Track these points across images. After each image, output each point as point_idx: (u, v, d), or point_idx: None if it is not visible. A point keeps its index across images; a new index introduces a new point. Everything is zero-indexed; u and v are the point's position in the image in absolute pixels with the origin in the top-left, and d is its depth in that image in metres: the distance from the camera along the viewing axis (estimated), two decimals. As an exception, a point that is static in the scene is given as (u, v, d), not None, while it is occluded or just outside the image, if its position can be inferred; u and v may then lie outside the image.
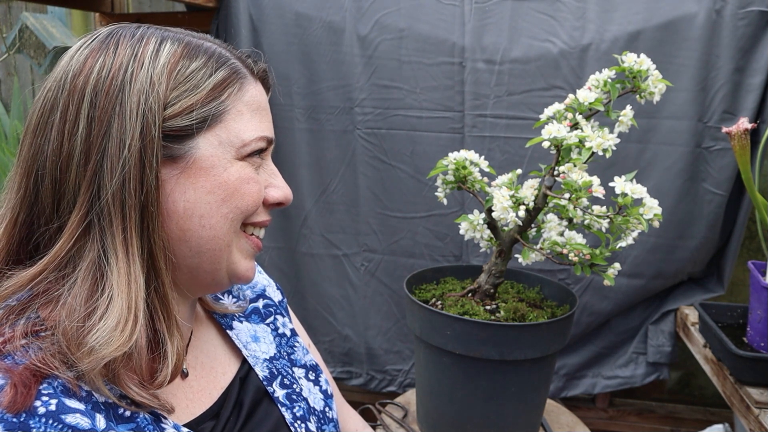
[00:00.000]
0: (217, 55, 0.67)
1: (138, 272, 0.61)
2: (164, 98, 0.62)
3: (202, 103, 0.64)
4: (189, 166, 0.64)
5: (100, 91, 0.61)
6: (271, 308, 0.90)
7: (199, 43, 0.67)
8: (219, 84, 0.66)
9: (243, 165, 0.68)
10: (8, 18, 2.62)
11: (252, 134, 0.68)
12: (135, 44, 0.63)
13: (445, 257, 1.79)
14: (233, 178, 0.66)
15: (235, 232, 0.69)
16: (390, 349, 1.87)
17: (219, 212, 0.66)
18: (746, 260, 1.49)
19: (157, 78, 0.62)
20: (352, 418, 1.00)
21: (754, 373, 1.31)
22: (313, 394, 0.85)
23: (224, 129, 0.66)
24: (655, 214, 1.00)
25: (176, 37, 0.66)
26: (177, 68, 0.64)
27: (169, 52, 0.64)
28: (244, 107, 0.68)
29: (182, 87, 0.63)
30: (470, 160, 1.20)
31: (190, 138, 0.64)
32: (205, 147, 0.65)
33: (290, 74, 1.77)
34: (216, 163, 0.65)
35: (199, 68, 0.65)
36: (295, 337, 0.90)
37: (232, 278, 0.71)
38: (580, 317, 1.75)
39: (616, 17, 1.58)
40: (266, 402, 0.78)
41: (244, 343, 0.82)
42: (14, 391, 0.53)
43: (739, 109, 1.59)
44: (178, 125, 0.63)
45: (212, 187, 0.65)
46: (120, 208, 0.60)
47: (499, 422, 1.16)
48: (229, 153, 0.66)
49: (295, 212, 1.86)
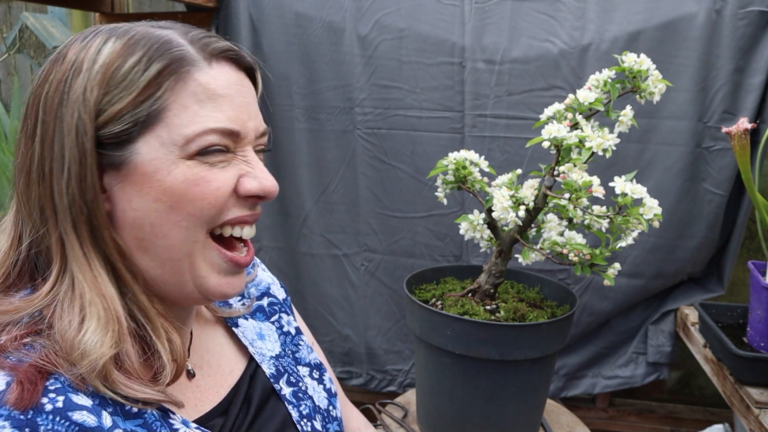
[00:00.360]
0: (159, 45, 0.61)
1: (106, 283, 0.60)
2: (96, 106, 0.59)
3: (134, 104, 0.59)
4: (131, 172, 0.60)
5: (47, 104, 0.60)
6: (275, 306, 0.90)
7: (143, 35, 0.61)
8: (153, 79, 0.59)
9: (191, 165, 0.61)
10: (8, 18, 2.62)
11: (195, 128, 0.60)
12: (80, 50, 0.61)
13: (445, 257, 1.79)
14: (178, 182, 0.60)
15: (196, 241, 0.63)
16: (390, 349, 1.87)
17: (169, 220, 0.61)
18: (746, 260, 1.49)
19: (90, 85, 0.59)
20: (355, 417, 1.00)
21: (754, 373, 1.31)
22: (317, 392, 0.85)
23: (165, 127, 0.60)
24: (655, 214, 1.00)
25: (124, 33, 0.62)
26: (112, 69, 0.59)
27: (110, 52, 0.60)
28: (189, 99, 0.61)
29: (114, 90, 0.59)
30: (470, 160, 1.20)
31: (128, 143, 0.60)
32: (145, 150, 0.60)
33: (290, 74, 1.77)
34: (159, 166, 0.60)
35: (133, 65, 0.59)
36: (300, 336, 0.90)
37: (204, 294, 0.66)
38: (580, 317, 1.75)
39: (616, 17, 1.58)
40: (273, 399, 0.78)
41: (250, 341, 0.82)
42: (21, 388, 0.53)
43: (739, 109, 1.59)
44: (112, 132, 0.59)
45: (158, 193, 0.60)
46: (72, 225, 0.60)
47: (499, 422, 1.16)
48: (172, 153, 0.60)
49: (295, 212, 1.86)
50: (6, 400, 0.52)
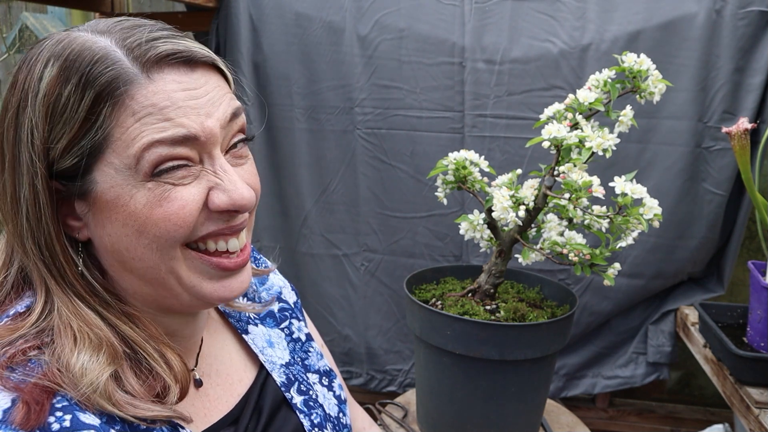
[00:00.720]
0: (91, 67, 0.56)
1: (86, 310, 0.60)
2: (44, 142, 0.57)
3: (78, 137, 0.57)
4: (95, 201, 0.59)
5: (6, 142, 0.60)
6: (286, 312, 0.89)
7: (77, 56, 0.57)
8: (90, 108, 0.56)
9: (151, 187, 0.58)
10: (8, 18, 2.62)
11: (140, 143, 0.56)
12: (26, 75, 0.59)
13: (445, 257, 1.79)
14: (141, 206, 0.58)
15: (173, 258, 0.61)
16: (390, 349, 1.87)
17: (140, 244, 0.59)
18: (746, 260, 1.49)
19: (35, 120, 0.57)
20: (360, 416, 1.00)
21: (754, 373, 1.31)
22: (327, 399, 0.84)
23: (113, 153, 0.57)
24: (655, 214, 1.00)
25: (62, 51, 0.58)
26: (53, 99, 0.57)
27: (48, 80, 0.57)
28: (130, 119, 0.57)
29: (57, 126, 0.57)
30: (470, 160, 1.20)
31: (84, 174, 0.58)
32: (102, 179, 0.58)
33: (290, 74, 1.77)
34: (119, 192, 0.58)
35: (70, 95, 0.56)
36: (310, 342, 0.89)
37: (203, 301, 0.65)
38: (580, 317, 1.75)
39: (616, 17, 1.58)
40: (285, 409, 0.77)
41: (261, 348, 0.81)
42: (27, 408, 0.51)
43: (739, 109, 1.59)
44: (66, 166, 0.58)
45: (124, 219, 0.59)
46: (42, 262, 0.60)
47: (499, 422, 1.16)
48: (130, 177, 0.57)
49: (295, 212, 1.86)
50: (12, 419, 0.51)
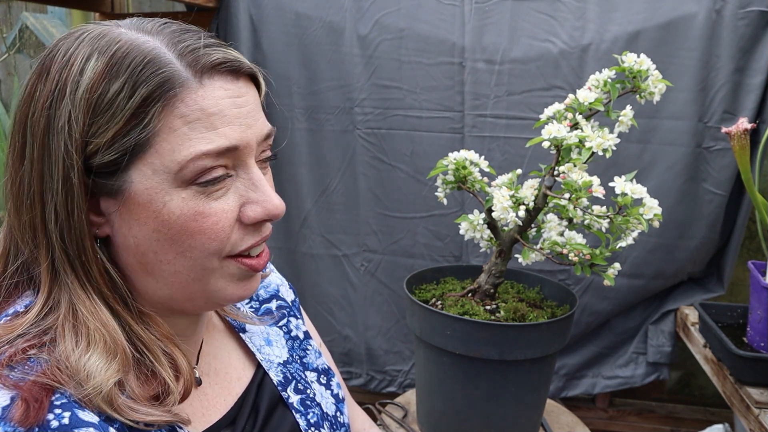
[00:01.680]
0: (143, 66, 0.56)
1: (106, 314, 0.59)
2: (82, 136, 0.56)
3: (122, 133, 0.56)
4: (127, 201, 0.58)
5: (35, 132, 0.57)
6: (284, 310, 0.88)
7: (128, 52, 0.57)
8: (140, 106, 0.56)
9: (186, 196, 0.58)
10: (8, 18, 2.62)
11: (189, 152, 0.56)
12: (62, 67, 0.57)
13: (445, 257, 1.79)
14: (175, 216, 0.57)
15: (206, 267, 0.60)
16: (390, 349, 1.87)
17: (172, 250, 0.59)
18: (746, 260, 1.49)
19: (75, 113, 0.56)
20: (360, 417, 1.00)
21: (754, 373, 1.31)
22: (325, 398, 0.83)
23: (156, 154, 0.57)
24: (655, 214, 1.00)
25: (107, 46, 0.57)
26: (96, 95, 0.56)
27: (92, 73, 0.56)
28: (178, 122, 0.56)
29: (101, 118, 0.56)
30: (470, 160, 1.20)
31: (121, 171, 0.57)
32: (138, 179, 0.57)
33: (290, 74, 1.77)
34: (153, 197, 0.57)
35: (118, 91, 0.56)
36: (308, 340, 0.88)
37: (218, 303, 0.65)
38: (580, 317, 1.75)
39: (616, 17, 1.58)
40: (281, 408, 0.77)
41: (258, 347, 0.80)
42: (26, 405, 0.51)
43: (739, 109, 1.59)
44: (103, 161, 0.57)
45: (156, 225, 0.58)
46: (66, 257, 0.58)
47: (499, 422, 1.16)
48: (166, 182, 0.57)
49: (295, 212, 1.86)
50: (11, 416, 0.51)
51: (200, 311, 0.69)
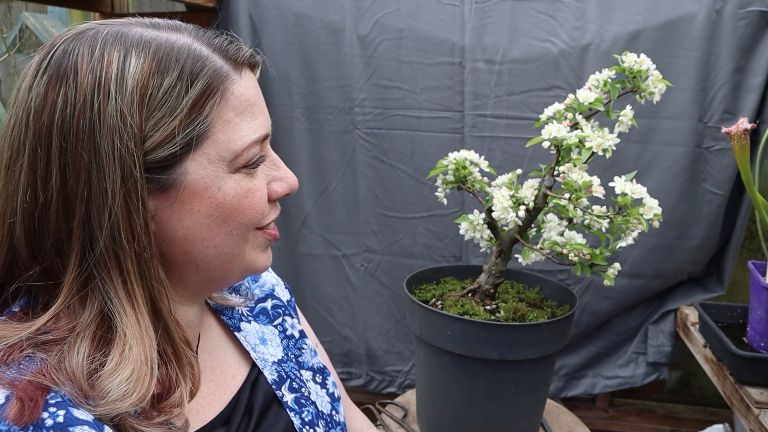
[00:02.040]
0: (192, 61, 0.58)
1: (147, 322, 0.58)
2: (140, 131, 0.55)
3: (182, 126, 0.57)
4: (180, 193, 0.59)
5: (69, 134, 0.55)
6: (279, 309, 0.89)
7: (170, 48, 0.58)
8: (198, 99, 0.58)
9: (238, 178, 0.62)
10: (8, 18, 2.62)
11: (242, 142, 0.61)
12: (95, 66, 0.55)
13: (445, 257, 1.79)
14: (230, 197, 0.61)
15: (247, 240, 0.65)
16: (390, 349, 1.87)
17: (221, 232, 0.62)
18: (746, 260, 1.49)
19: (127, 109, 0.55)
20: (358, 418, 1.00)
21: (754, 373, 1.31)
22: (320, 397, 0.84)
23: (212, 145, 0.59)
24: (655, 214, 1.00)
25: (142, 43, 0.58)
26: (148, 91, 0.56)
27: (136, 70, 0.56)
28: (230, 113, 0.60)
29: (157, 113, 0.56)
30: (470, 160, 1.20)
31: (177, 165, 0.58)
32: (194, 170, 0.59)
33: (290, 74, 1.77)
34: (209, 184, 0.60)
35: (172, 86, 0.57)
36: (304, 339, 0.89)
37: (246, 274, 0.70)
38: (580, 317, 1.75)
39: (616, 17, 1.58)
40: (275, 407, 0.77)
41: (253, 346, 0.81)
42: (21, 404, 0.51)
43: (739, 109, 1.59)
44: (161, 156, 0.57)
45: (209, 210, 0.61)
46: (115, 259, 0.57)
47: (499, 422, 1.16)
48: (221, 169, 0.60)
49: (295, 212, 1.86)
50: (6, 415, 0.51)
51: (230, 284, 0.72)
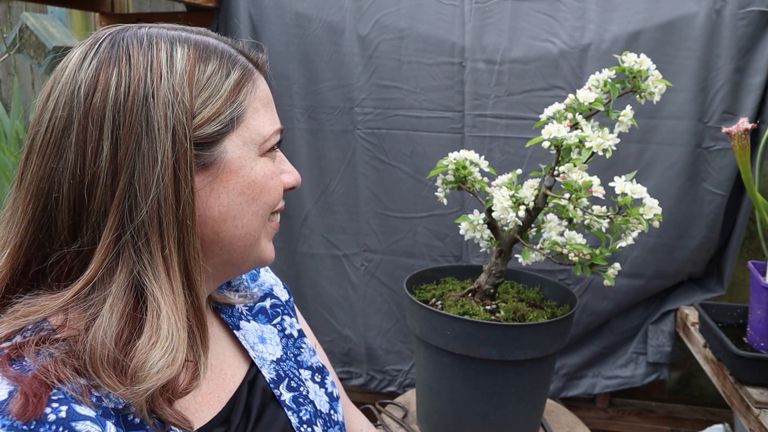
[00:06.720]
0: (227, 54, 0.67)
1: (180, 289, 0.61)
2: (190, 107, 0.61)
3: (225, 106, 0.65)
4: (219, 170, 0.65)
5: (123, 109, 0.59)
6: (278, 308, 0.89)
7: (206, 43, 0.66)
8: (236, 85, 0.66)
9: (265, 161, 0.69)
10: (8, 18, 2.62)
11: (270, 128, 0.69)
12: (147, 52, 0.61)
13: (445, 257, 1.79)
14: (260, 176, 0.68)
15: (265, 224, 0.71)
16: (390, 349, 1.87)
17: (250, 210, 0.68)
18: (746, 260, 1.49)
19: (179, 87, 0.61)
20: (357, 419, 1.00)
21: (754, 373, 1.31)
22: (319, 396, 0.84)
23: (246, 128, 0.67)
24: (655, 214, 1.00)
25: (182, 38, 0.64)
26: (195, 74, 0.63)
27: (183, 57, 0.63)
28: (258, 103, 0.69)
29: (204, 93, 0.63)
30: (470, 160, 1.20)
31: (218, 143, 0.64)
32: (232, 149, 0.66)
33: (290, 74, 1.77)
34: (243, 164, 0.67)
35: (215, 71, 0.65)
36: (302, 338, 0.89)
37: (256, 264, 0.74)
38: (580, 317, 1.75)
39: (616, 17, 1.58)
40: (273, 406, 0.77)
41: (252, 344, 0.81)
42: (24, 399, 0.52)
43: (739, 109, 1.59)
44: (206, 133, 0.63)
45: (242, 188, 0.67)
46: (158, 225, 0.59)
47: (499, 422, 1.16)
48: (252, 151, 0.68)
49: (295, 212, 1.86)
50: (9, 410, 0.51)
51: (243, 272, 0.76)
